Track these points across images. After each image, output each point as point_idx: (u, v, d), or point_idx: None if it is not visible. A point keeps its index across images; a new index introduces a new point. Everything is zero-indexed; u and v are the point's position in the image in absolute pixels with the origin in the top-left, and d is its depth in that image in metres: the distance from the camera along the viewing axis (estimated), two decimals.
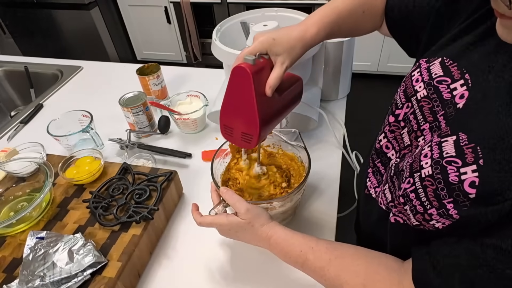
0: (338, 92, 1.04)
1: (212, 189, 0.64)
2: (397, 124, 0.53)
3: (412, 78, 0.49)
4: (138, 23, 2.84)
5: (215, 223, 0.58)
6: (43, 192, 0.66)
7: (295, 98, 0.62)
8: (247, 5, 2.40)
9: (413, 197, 0.43)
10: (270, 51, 0.54)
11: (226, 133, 0.58)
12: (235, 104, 0.54)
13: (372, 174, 0.61)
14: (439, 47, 0.49)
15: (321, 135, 0.95)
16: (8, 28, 2.80)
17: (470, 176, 0.36)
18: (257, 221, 0.55)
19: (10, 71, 1.38)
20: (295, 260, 0.53)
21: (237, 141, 0.58)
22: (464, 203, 0.37)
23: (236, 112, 0.55)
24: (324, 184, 0.82)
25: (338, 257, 0.51)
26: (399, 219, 0.50)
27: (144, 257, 0.67)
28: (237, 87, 0.53)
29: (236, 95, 0.53)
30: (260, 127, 0.53)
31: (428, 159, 0.41)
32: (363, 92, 2.53)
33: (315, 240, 0.54)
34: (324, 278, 0.51)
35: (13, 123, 1.09)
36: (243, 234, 0.57)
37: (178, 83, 1.21)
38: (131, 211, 0.67)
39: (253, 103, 0.51)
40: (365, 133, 1.36)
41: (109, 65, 1.38)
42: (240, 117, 0.55)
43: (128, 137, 0.93)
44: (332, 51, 0.94)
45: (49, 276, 0.57)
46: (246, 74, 0.50)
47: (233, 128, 0.57)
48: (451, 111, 0.43)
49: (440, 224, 0.41)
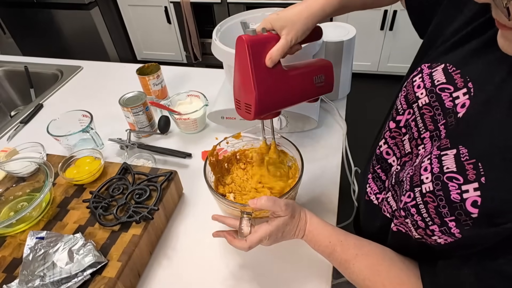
0: (338, 92, 1.04)
1: (222, 219, 0.60)
2: (398, 130, 0.52)
3: (413, 83, 0.48)
4: (138, 23, 2.84)
5: (263, 237, 0.54)
6: (43, 192, 0.66)
7: (318, 81, 0.62)
8: (247, 5, 2.40)
9: (414, 212, 0.42)
10: (274, 26, 0.55)
11: (236, 106, 0.59)
12: (240, 76, 0.56)
13: (372, 180, 0.60)
14: (441, 52, 0.47)
15: (321, 135, 0.95)
16: (8, 28, 2.80)
17: (472, 195, 0.35)
18: (296, 211, 0.56)
19: (10, 71, 1.38)
20: (323, 249, 0.55)
21: (242, 113, 0.59)
22: (466, 222, 0.36)
23: (241, 83, 0.56)
24: (324, 184, 0.82)
25: (364, 254, 0.52)
26: (401, 228, 0.49)
27: (144, 257, 0.67)
28: (238, 58, 0.54)
29: (240, 67, 0.55)
30: (257, 96, 0.53)
31: (428, 174, 0.40)
32: (363, 92, 2.53)
33: (344, 234, 0.55)
34: (348, 270, 0.52)
35: (13, 123, 1.09)
36: (288, 230, 0.56)
37: (178, 83, 1.21)
38: (131, 211, 0.67)
39: (250, 72, 0.53)
40: (365, 133, 1.36)
41: (109, 65, 1.38)
42: (243, 88, 0.56)
43: (128, 137, 0.93)
44: (332, 51, 0.94)
45: (49, 276, 0.57)
46: (242, 43, 0.52)
47: (240, 101, 0.58)
48: (452, 120, 0.41)
49: (442, 240, 0.41)
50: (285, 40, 0.54)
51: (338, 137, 0.93)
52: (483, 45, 0.42)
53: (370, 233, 0.62)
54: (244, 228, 0.56)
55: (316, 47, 0.86)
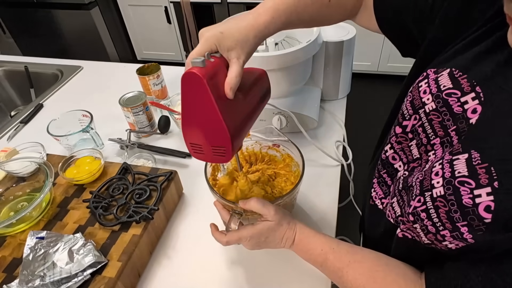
0: (338, 92, 1.04)
1: (219, 208, 0.61)
2: (405, 135, 0.51)
3: (419, 89, 0.47)
4: (138, 23, 2.84)
5: (244, 237, 0.54)
6: (43, 192, 0.66)
7: (264, 94, 0.57)
8: (247, 5, 2.40)
9: (424, 216, 0.41)
10: (220, 48, 0.47)
11: (195, 151, 0.51)
12: (195, 117, 0.47)
13: (378, 184, 0.59)
14: (448, 57, 0.46)
15: (321, 135, 0.95)
16: (8, 28, 2.80)
17: (485, 200, 0.35)
18: (284, 220, 0.55)
19: (10, 71, 1.38)
20: (316, 258, 0.54)
21: (209, 158, 0.51)
22: (479, 227, 0.35)
23: (200, 125, 0.48)
24: (324, 184, 0.82)
25: (357, 260, 0.51)
26: (407, 234, 0.48)
27: (144, 257, 0.67)
28: (192, 97, 0.46)
29: (194, 106, 0.46)
30: (230, 135, 0.46)
31: (439, 178, 0.39)
32: (363, 92, 2.53)
33: (336, 241, 0.54)
34: (342, 279, 0.51)
35: (13, 123, 1.09)
36: (273, 236, 0.55)
37: (178, 83, 1.19)
38: (131, 211, 0.67)
39: (215, 111, 0.45)
40: (365, 133, 1.36)
41: (109, 65, 1.38)
42: (206, 130, 0.48)
43: (128, 137, 0.93)
44: (332, 51, 0.94)
45: (49, 276, 0.57)
46: (197, 79, 0.43)
47: (202, 145, 0.49)
48: (463, 126, 0.41)
49: (453, 245, 0.40)
50: (239, 64, 0.47)
51: (338, 137, 0.93)
52: (491, 46, 0.41)
53: (374, 239, 0.61)
54: (232, 226, 0.57)
55: (316, 47, 0.86)
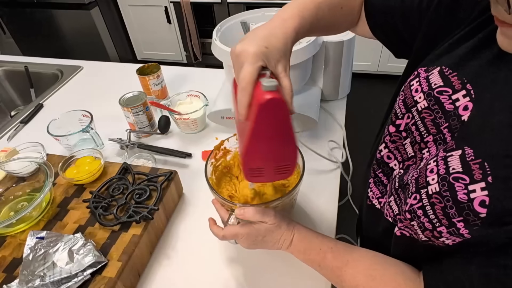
0: (338, 92, 1.04)
1: (217, 206, 0.61)
2: (399, 134, 0.51)
3: (411, 87, 0.48)
4: (138, 23, 2.84)
5: (241, 233, 0.55)
6: (43, 192, 0.66)
7: None
8: (247, 5, 2.40)
9: (420, 213, 0.42)
10: (269, 63, 0.45)
11: (254, 175, 0.50)
12: (269, 141, 0.46)
13: (374, 184, 0.60)
14: (437, 56, 0.47)
15: (321, 135, 0.95)
16: (8, 28, 2.80)
17: (480, 195, 0.35)
18: (283, 222, 0.55)
19: (10, 71, 1.38)
20: (314, 258, 0.54)
21: (269, 178, 0.51)
22: (475, 222, 0.36)
23: (270, 148, 0.46)
24: (323, 184, 0.82)
25: (355, 259, 0.51)
26: (405, 232, 0.49)
27: (144, 257, 0.67)
28: (269, 123, 0.43)
29: (270, 132, 0.44)
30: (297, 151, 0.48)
31: (434, 175, 0.40)
32: (363, 92, 2.53)
33: (334, 241, 0.54)
34: (340, 278, 0.51)
35: (13, 123, 1.09)
36: (270, 237, 0.55)
37: (178, 83, 1.21)
38: (131, 211, 0.67)
39: (291, 131, 0.44)
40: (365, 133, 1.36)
41: (109, 65, 1.38)
42: (275, 152, 0.47)
43: (128, 137, 0.93)
44: (332, 51, 0.94)
45: (49, 276, 0.57)
46: (280, 105, 0.41)
47: (264, 167, 0.49)
48: (456, 123, 0.41)
49: (450, 241, 0.40)
50: (288, 78, 0.46)
51: (338, 137, 0.93)
52: (479, 44, 0.41)
53: (373, 239, 0.62)
54: (229, 221, 0.58)
55: (316, 47, 0.86)
